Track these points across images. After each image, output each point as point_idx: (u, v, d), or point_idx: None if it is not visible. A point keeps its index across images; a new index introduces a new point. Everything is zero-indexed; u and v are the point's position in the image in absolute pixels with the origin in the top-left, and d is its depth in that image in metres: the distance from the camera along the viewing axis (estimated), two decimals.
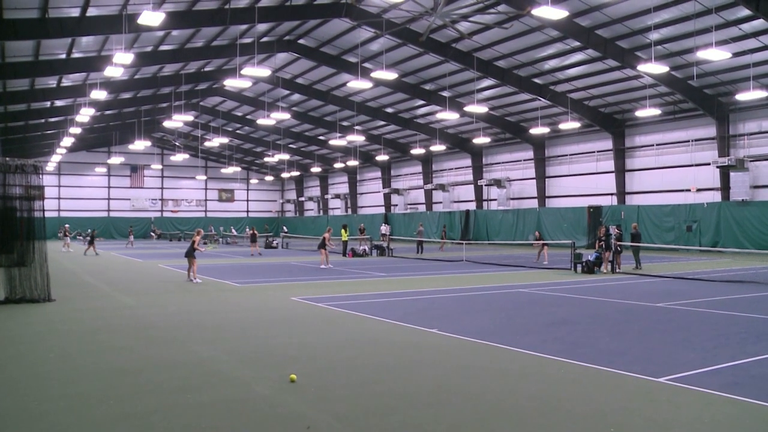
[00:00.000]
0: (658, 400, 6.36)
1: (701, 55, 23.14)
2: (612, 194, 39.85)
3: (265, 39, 33.70)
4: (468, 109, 35.60)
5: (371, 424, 5.74)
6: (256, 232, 36.07)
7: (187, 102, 47.27)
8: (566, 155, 43.17)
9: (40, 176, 14.54)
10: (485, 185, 47.77)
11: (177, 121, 45.24)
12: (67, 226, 45.73)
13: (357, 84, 30.74)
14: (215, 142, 54.74)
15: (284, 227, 53.45)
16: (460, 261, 27.89)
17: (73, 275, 21.55)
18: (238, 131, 58.84)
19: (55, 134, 51.47)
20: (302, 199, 74.96)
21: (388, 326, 10.88)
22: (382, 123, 48.47)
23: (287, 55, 36.86)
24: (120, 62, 23.99)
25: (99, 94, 30.11)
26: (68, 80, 36.19)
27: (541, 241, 28.43)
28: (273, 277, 20.85)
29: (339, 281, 19.28)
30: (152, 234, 63.55)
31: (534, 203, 44.84)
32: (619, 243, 22.70)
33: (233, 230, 59.82)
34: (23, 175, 14.28)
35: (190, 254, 19.38)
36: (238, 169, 69.25)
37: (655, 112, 31.86)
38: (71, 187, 66.31)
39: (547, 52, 31.65)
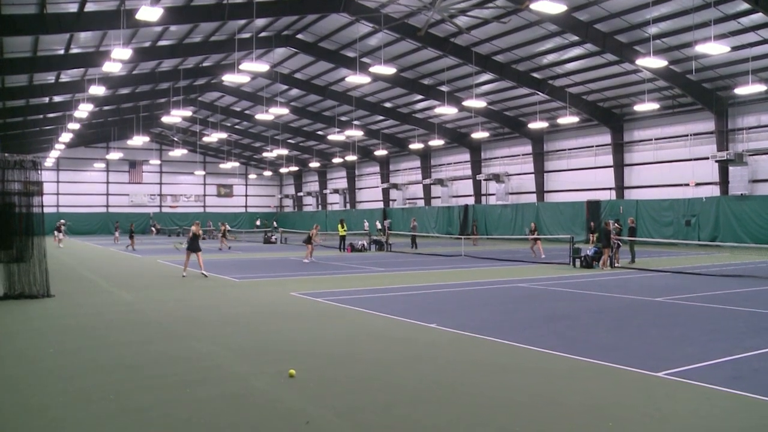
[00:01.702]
0: (656, 395, 6.38)
1: (700, 49, 23.10)
2: (611, 189, 39.85)
3: (263, 34, 33.64)
4: (466, 103, 35.57)
5: (370, 419, 5.75)
6: (227, 227, 36.43)
7: (186, 97, 47.16)
8: (565, 150, 43.16)
9: (39, 172, 14.53)
10: (484, 180, 47.77)
11: (175, 116, 45.07)
12: (62, 221, 45.78)
13: (355, 79, 30.68)
14: (214, 137, 54.66)
15: (274, 222, 53.17)
16: (458, 256, 27.91)
17: (72, 271, 21.55)
18: (236, 126, 58.77)
19: (53, 130, 51.40)
20: (301, 194, 74.93)
21: (387, 321, 10.89)
22: (381, 118, 48.44)
23: (285, 50, 36.79)
24: (118, 58, 23.95)
25: (97, 90, 30.08)
26: (66, 76, 36.12)
27: (534, 235, 28.17)
28: (272, 272, 20.86)
29: (338, 276, 19.30)
30: (152, 229, 63.51)
31: (533, 198, 44.83)
32: (618, 238, 22.70)
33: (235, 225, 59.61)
34: (22, 171, 14.27)
35: (195, 248, 18.99)
36: (237, 164, 69.21)
37: (653, 106, 31.85)
38: (70, 183, 66.30)
39: (546, 47, 31.61)
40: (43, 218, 15.02)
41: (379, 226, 43.77)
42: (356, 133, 48.07)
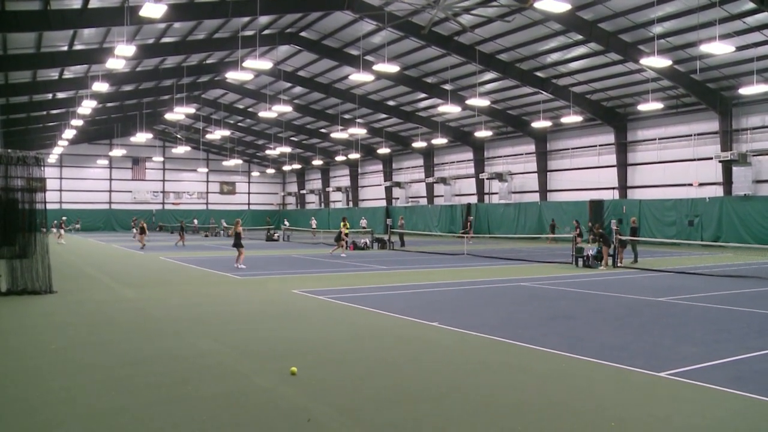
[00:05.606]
0: (659, 395, 6.36)
1: (704, 48, 23.01)
2: (614, 188, 39.79)
3: (266, 31, 33.62)
4: (470, 102, 35.53)
5: (372, 417, 5.74)
6: (144, 225, 35.75)
7: (189, 94, 47.20)
8: (568, 149, 43.09)
9: (42, 168, 14.54)
10: (487, 179, 47.72)
11: (179, 113, 45.21)
12: (64, 218, 46.05)
13: (359, 77, 30.69)
14: (217, 134, 54.70)
15: (313, 219, 53.44)
16: (461, 254, 27.88)
17: (75, 267, 21.58)
18: (239, 124, 58.81)
19: (56, 126, 51.47)
20: (303, 191, 74.96)
21: (388, 319, 10.88)
22: (384, 116, 48.41)
23: (289, 48, 36.76)
24: (122, 54, 23.93)
25: (101, 87, 30.10)
26: (70, 72, 36.15)
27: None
28: (274, 269, 20.86)
29: (340, 274, 19.29)
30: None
31: (535, 197, 44.79)
32: (620, 237, 22.64)
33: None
34: (25, 167, 14.28)
35: (238, 244, 21.14)
36: (240, 161, 69.24)
37: (657, 106, 31.77)
38: (73, 179, 66.44)
39: (550, 46, 31.55)
40: (45, 215, 15.07)
41: (363, 223, 44.86)
42: (359, 131, 48.05)
